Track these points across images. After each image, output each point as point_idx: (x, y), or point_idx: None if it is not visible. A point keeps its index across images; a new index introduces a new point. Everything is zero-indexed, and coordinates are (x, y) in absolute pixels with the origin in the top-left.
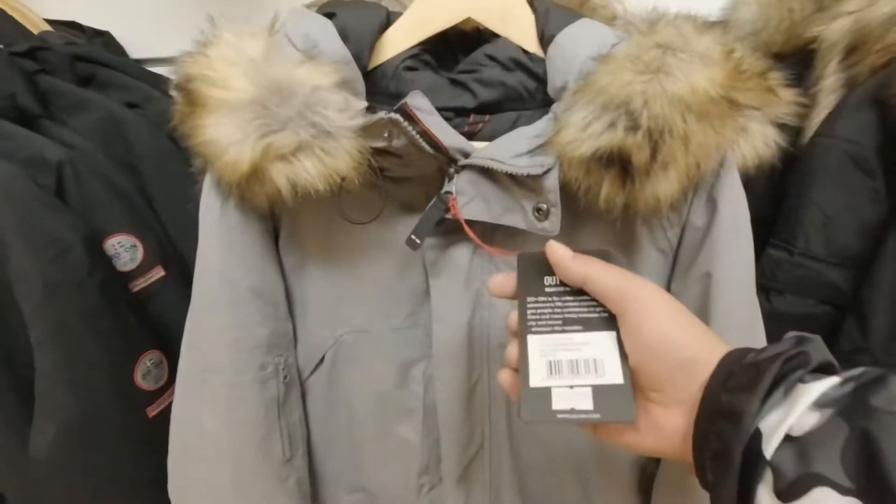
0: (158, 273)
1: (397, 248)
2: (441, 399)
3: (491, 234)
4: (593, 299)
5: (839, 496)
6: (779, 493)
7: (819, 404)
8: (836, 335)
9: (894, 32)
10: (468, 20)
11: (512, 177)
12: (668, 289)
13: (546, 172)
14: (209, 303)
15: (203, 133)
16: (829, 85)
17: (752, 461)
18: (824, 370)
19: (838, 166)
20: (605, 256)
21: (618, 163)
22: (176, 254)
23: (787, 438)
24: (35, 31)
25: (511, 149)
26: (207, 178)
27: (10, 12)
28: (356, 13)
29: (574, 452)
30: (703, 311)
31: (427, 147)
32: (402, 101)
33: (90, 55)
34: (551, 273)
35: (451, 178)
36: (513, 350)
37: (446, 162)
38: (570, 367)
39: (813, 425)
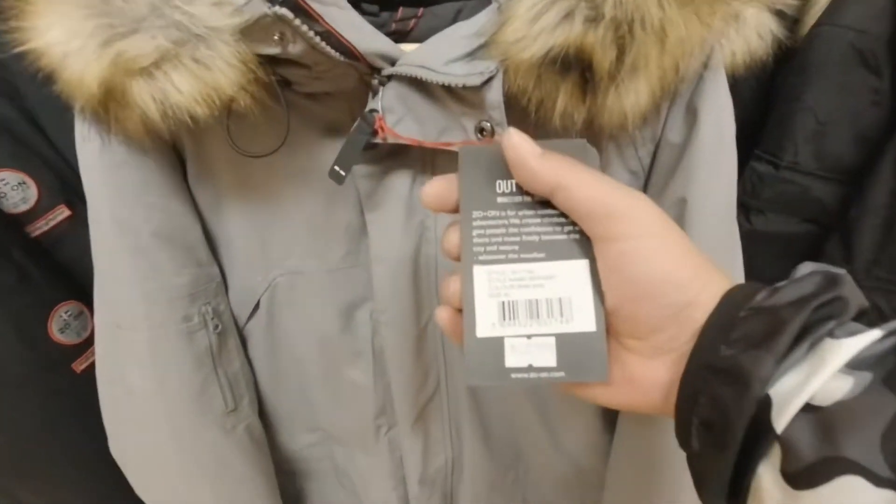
0: (63, 213)
1: (322, 178)
2: (389, 344)
3: (431, 159)
4: (563, 215)
5: (874, 488)
6: (789, 477)
7: (854, 366)
8: (817, 258)
9: None
10: None
11: (447, 88)
12: None
13: (487, 82)
14: (110, 253)
15: (33, 36)
16: None
17: (755, 432)
18: (858, 320)
19: (839, 61)
20: (581, 151)
21: (576, 67)
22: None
23: (808, 408)
24: None
25: (445, 52)
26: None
27: None
28: None
29: (536, 385)
30: None
31: (334, 53)
32: None
33: None
34: (507, 176)
35: (375, 93)
36: (454, 284)
37: (367, 72)
38: (528, 310)
39: (845, 394)
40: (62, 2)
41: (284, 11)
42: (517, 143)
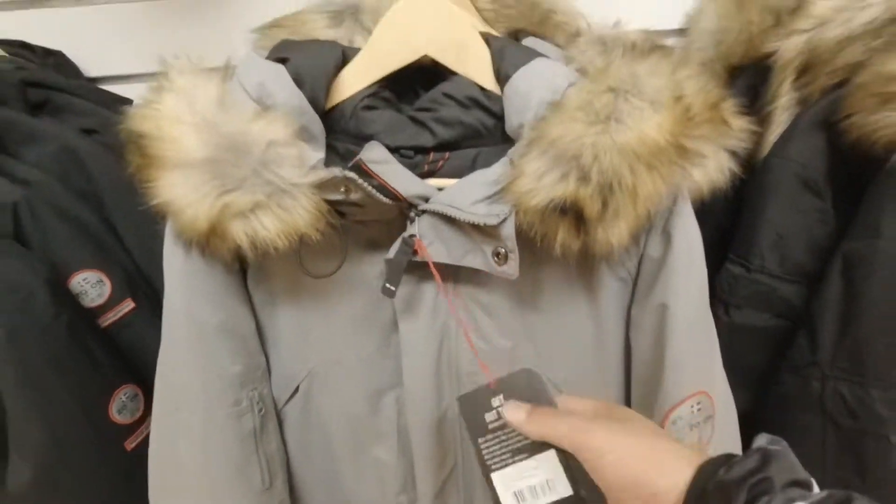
0: (128, 305)
1: (364, 284)
2: (413, 427)
3: (455, 273)
4: None
5: None
6: None
7: None
8: (789, 349)
9: (843, 56)
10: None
11: (470, 222)
12: (629, 313)
13: (502, 222)
14: (179, 343)
15: (159, 191)
16: (783, 104)
17: None
18: (797, 484)
19: (790, 187)
20: (528, 378)
21: (571, 212)
22: (145, 282)
23: None
24: None
25: (469, 195)
26: (169, 227)
27: None
28: (309, 55)
29: None
30: (660, 340)
31: (384, 199)
32: (357, 158)
33: (42, 80)
34: (489, 408)
35: (412, 221)
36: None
37: (406, 206)
38: (531, 493)
39: None
40: (189, 168)
41: (352, 174)
42: (510, 416)
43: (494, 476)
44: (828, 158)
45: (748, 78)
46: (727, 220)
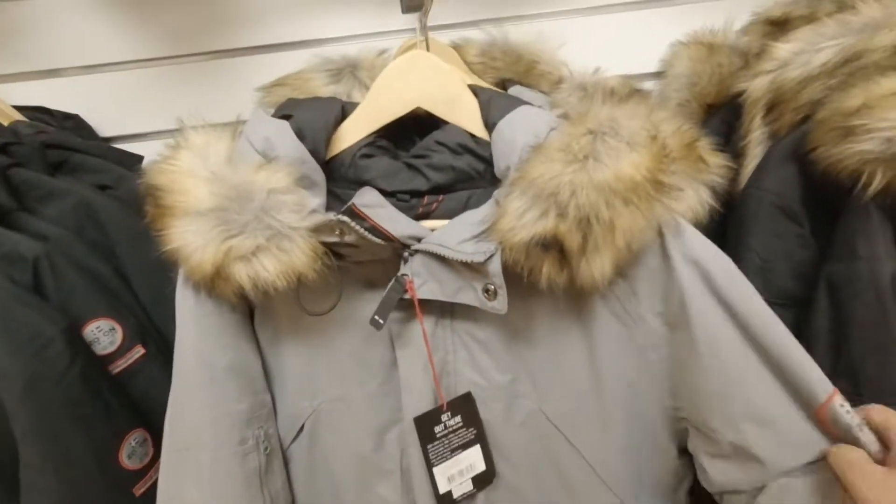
0: (138, 352)
1: (363, 323)
2: (414, 463)
3: (451, 310)
4: (462, 426)
5: None
6: None
7: None
8: None
9: (804, 94)
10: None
11: (461, 261)
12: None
13: (489, 259)
14: (189, 383)
15: (170, 238)
16: (756, 138)
17: None
18: None
19: (768, 215)
20: (466, 399)
21: (554, 247)
22: (154, 330)
23: None
24: (5, 122)
25: (458, 234)
26: (180, 273)
27: None
28: (311, 111)
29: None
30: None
31: (377, 240)
32: (350, 202)
33: (60, 142)
34: (439, 422)
35: (406, 261)
36: None
37: (400, 247)
38: (459, 474)
39: None
40: (198, 217)
41: (345, 218)
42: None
43: (436, 469)
44: (801, 187)
45: (722, 116)
46: None
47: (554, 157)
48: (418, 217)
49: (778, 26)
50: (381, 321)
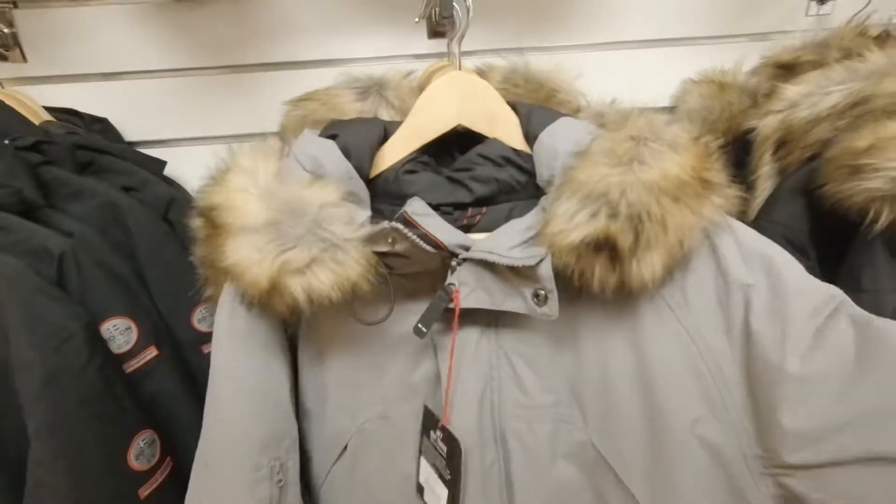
0: (151, 353)
1: (409, 336)
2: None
3: (496, 318)
4: (444, 460)
5: None
6: None
7: None
8: None
9: (813, 134)
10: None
11: (510, 267)
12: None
13: (539, 262)
14: (217, 400)
15: (226, 256)
16: (765, 173)
17: None
18: None
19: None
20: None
21: (605, 247)
22: (168, 332)
23: None
24: (36, 121)
25: (506, 241)
26: (227, 289)
27: (12, 104)
28: (356, 131)
29: None
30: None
31: (428, 247)
32: (402, 210)
33: (89, 143)
34: (433, 432)
35: (453, 271)
36: None
37: (448, 256)
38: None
39: None
40: (253, 232)
41: (398, 225)
42: None
43: (422, 461)
44: (809, 220)
45: (732, 152)
46: None
47: (599, 160)
48: (461, 229)
49: (786, 70)
50: (423, 329)
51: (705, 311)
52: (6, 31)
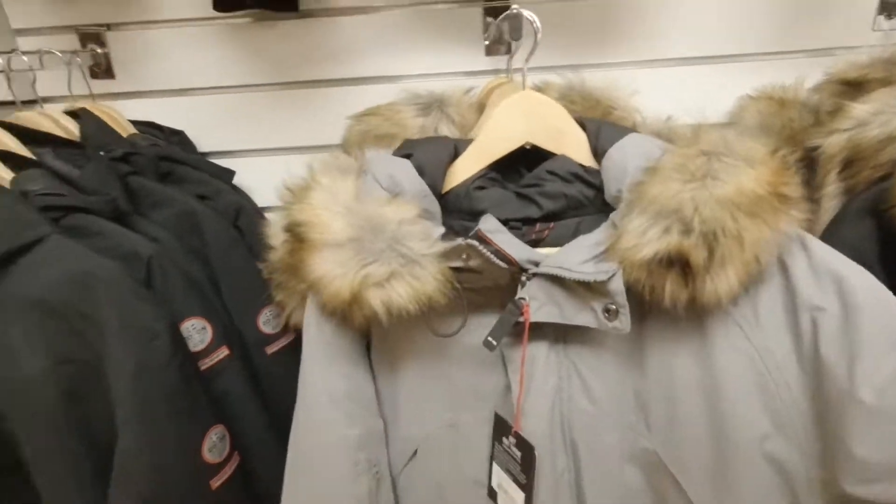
0: (223, 352)
1: (478, 348)
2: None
3: (563, 334)
4: (519, 465)
5: None
6: None
7: None
8: None
9: (885, 153)
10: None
11: (581, 282)
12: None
13: (611, 277)
14: (310, 406)
15: (312, 269)
16: (830, 192)
17: None
18: None
19: None
20: (527, 450)
21: (677, 263)
22: (237, 334)
23: None
24: (124, 134)
25: (576, 257)
26: (310, 299)
27: (104, 118)
28: (429, 150)
29: None
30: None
31: (500, 263)
32: (476, 228)
33: (170, 154)
34: (505, 438)
35: (523, 286)
36: None
37: (518, 271)
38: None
39: None
40: (337, 248)
41: (474, 242)
42: None
43: (494, 466)
44: (878, 241)
45: (795, 168)
46: None
47: (671, 176)
48: (531, 244)
49: (852, 87)
50: (494, 342)
51: (775, 330)
52: (100, 51)
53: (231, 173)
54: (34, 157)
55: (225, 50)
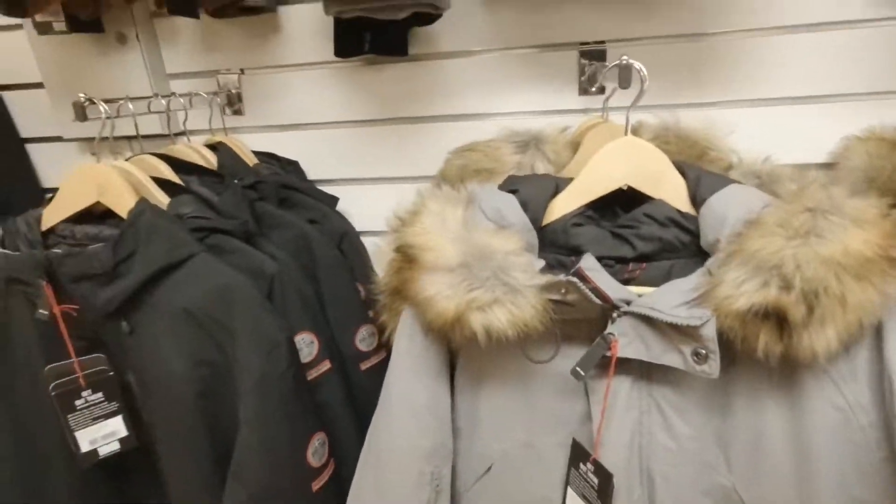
0: (326, 366)
1: (564, 376)
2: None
3: (648, 371)
4: (595, 490)
5: None
6: None
7: None
8: None
9: None
10: None
11: (672, 325)
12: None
13: (704, 323)
14: (390, 412)
15: (421, 289)
16: None
17: None
18: None
19: None
20: (605, 478)
21: (773, 317)
22: (337, 349)
23: None
24: (250, 163)
25: (670, 300)
26: (407, 312)
27: (234, 150)
28: (533, 186)
29: None
30: None
31: (596, 300)
32: (577, 266)
33: (289, 183)
34: (583, 465)
35: (613, 321)
36: None
37: (609, 308)
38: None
39: None
40: (448, 271)
41: (574, 279)
42: None
43: (569, 491)
44: None
45: None
46: None
47: (774, 231)
48: (622, 282)
49: None
50: (581, 372)
51: (866, 386)
52: (234, 91)
53: (335, 199)
54: (184, 184)
55: (338, 90)
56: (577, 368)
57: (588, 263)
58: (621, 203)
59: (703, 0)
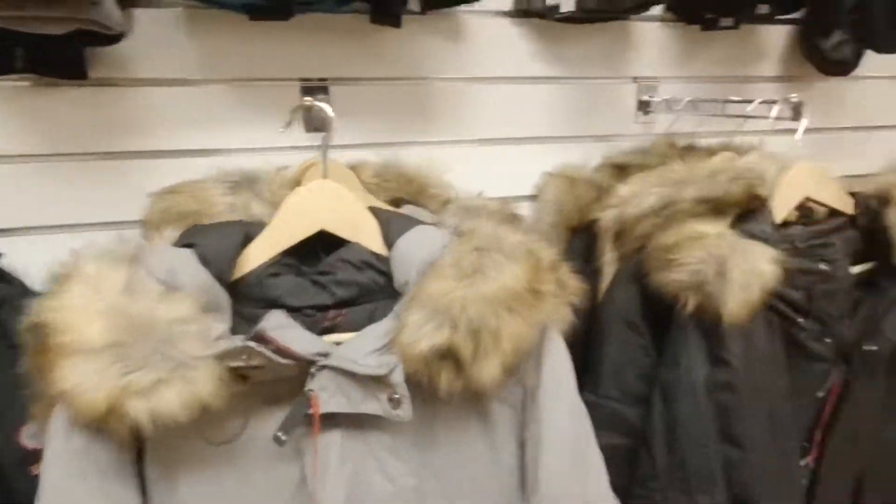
0: None
1: (270, 441)
2: None
3: (358, 419)
4: None
5: None
6: None
7: None
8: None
9: (639, 228)
10: None
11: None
12: (522, 436)
13: (391, 371)
14: None
15: (59, 379)
16: (608, 260)
17: None
18: None
19: (617, 327)
20: None
21: (450, 355)
22: None
23: None
24: None
25: (363, 348)
26: (56, 414)
27: None
28: (215, 237)
29: None
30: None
31: (283, 361)
32: (257, 327)
33: None
34: None
35: (312, 377)
36: None
37: (306, 364)
38: None
39: None
40: (89, 356)
41: (251, 343)
42: None
43: None
44: (641, 304)
45: (583, 238)
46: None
47: (446, 273)
48: (324, 331)
49: (621, 170)
50: (283, 438)
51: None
52: None
53: None
54: None
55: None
56: (279, 434)
57: (272, 322)
58: (324, 245)
59: (422, 48)
